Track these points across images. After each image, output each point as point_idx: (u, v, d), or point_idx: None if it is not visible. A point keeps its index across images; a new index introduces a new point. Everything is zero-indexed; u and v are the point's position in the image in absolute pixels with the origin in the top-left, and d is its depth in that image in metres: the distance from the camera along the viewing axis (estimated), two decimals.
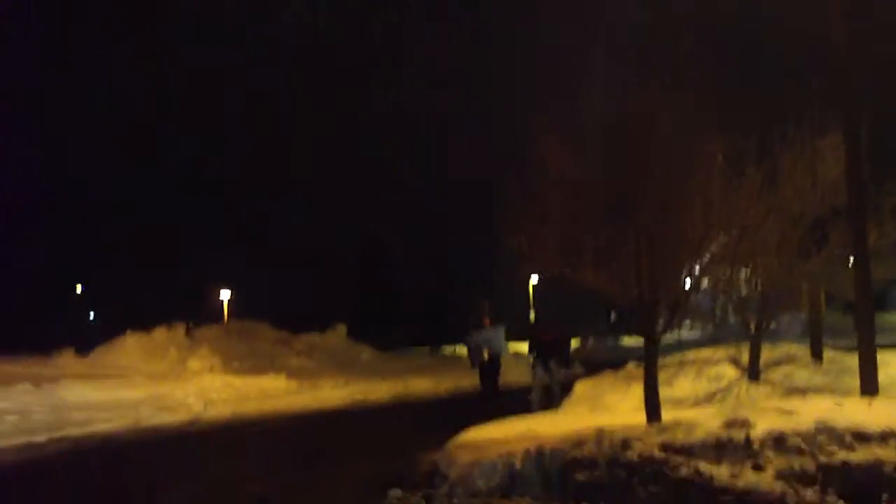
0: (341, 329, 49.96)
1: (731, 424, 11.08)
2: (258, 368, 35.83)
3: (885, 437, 10.81)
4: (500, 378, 23.14)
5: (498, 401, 21.58)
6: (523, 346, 24.96)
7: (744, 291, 18.06)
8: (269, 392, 29.69)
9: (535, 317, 28.84)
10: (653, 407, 13.45)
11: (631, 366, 20.02)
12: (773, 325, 20.87)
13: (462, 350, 47.34)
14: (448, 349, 49.98)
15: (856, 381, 14.60)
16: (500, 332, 22.42)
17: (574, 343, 58.03)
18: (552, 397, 20.78)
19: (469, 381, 31.77)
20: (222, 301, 66.32)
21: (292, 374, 34.38)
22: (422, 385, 32.00)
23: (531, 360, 22.18)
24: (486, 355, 22.25)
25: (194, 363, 35.23)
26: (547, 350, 21.54)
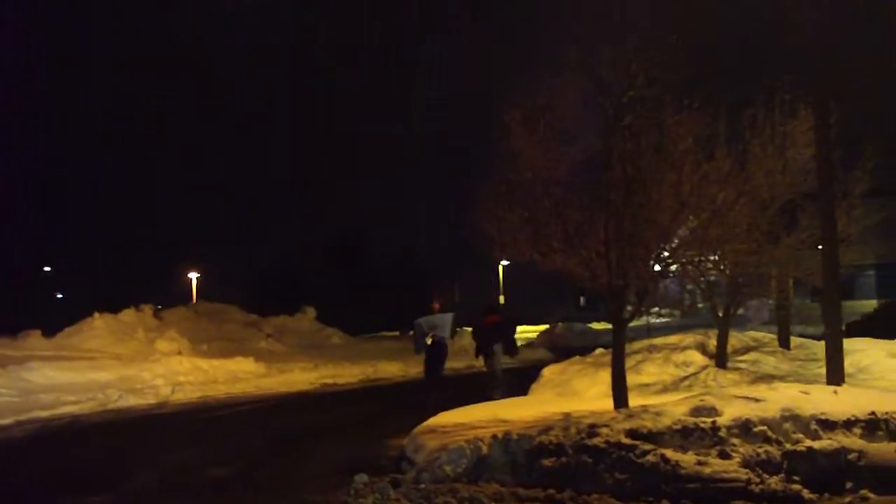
0: (311, 312, 49.96)
1: (697, 411, 11.08)
2: (227, 351, 35.80)
3: (849, 425, 10.85)
4: (444, 365, 21.73)
5: (440, 388, 20.31)
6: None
7: (712, 277, 18.10)
8: (238, 375, 29.61)
9: (483, 303, 26.24)
10: (620, 393, 13.47)
11: (599, 351, 20.06)
12: (741, 312, 20.98)
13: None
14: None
15: (822, 369, 14.68)
16: (448, 318, 21.07)
17: (533, 329, 58.34)
18: (493, 382, 20.85)
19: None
20: (190, 281, 66.15)
21: (261, 357, 34.35)
22: (391, 369, 32.01)
23: (474, 346, 22.27)
24: (429, 341, 21.04)
25: (162, 345, 35.12)
26: (490, 335, 21.43)
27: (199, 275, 66.45)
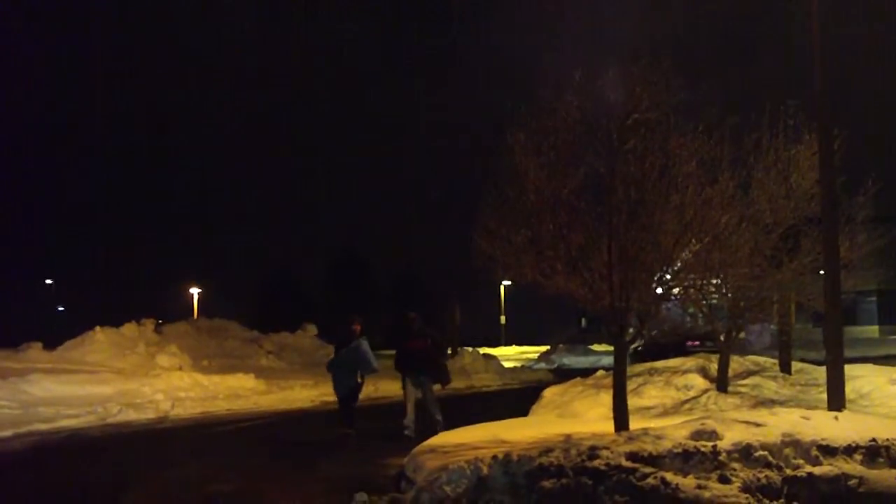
0: (311, 329, 49.97)
1: (698, 435, 11.08)
2: (227, 367, 35.80)
3: (850, 451, 10.87)
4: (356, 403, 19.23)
5: (351, 433, 18.51)
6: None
7: (714, 301, 18.11)
8: (238, 391, 29.61)
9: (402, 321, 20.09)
10: (621, 415, 13.44)
11: (600, 373, 20.07)
12: (742, 336, 20.97)
13: None
14: None
15: (823, 394, 14.67)
16: (364, 345, 18.69)
17: (535, 350, 58.21)
18: (431, 422, 17.99)
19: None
20: (192, 296, 66.20)
21: (261, 373, 34.35)
22: (393, 388, 31.89)
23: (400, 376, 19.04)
24: (360, 378, 18.90)
25: (163, 360, 35.14)
26: (415, 362, 18.61)
27: (200, 290, 66.54)
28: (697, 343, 29.28)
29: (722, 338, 18.16)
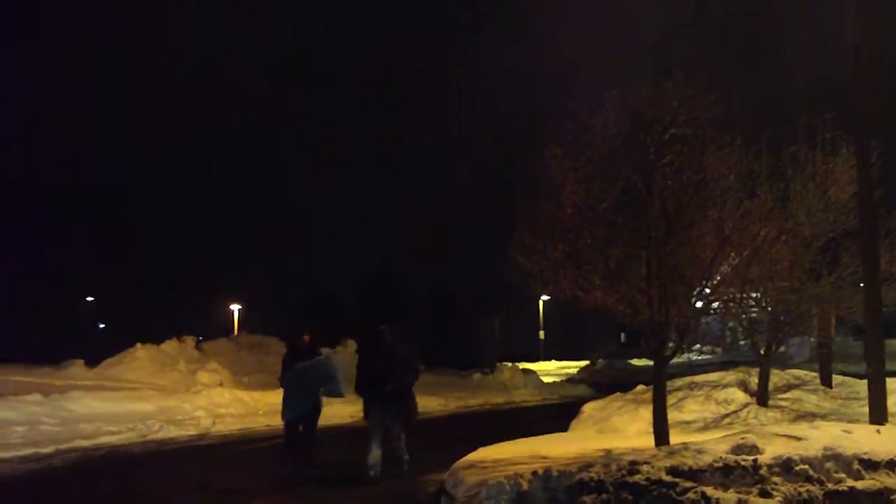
0: (351, 345, 50.02)
1: (739, 449, 11.04)
2: (268, 383, 35.87)
3: (892, 465, 10.81)
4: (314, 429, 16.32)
5: (311, 472, 15.65)
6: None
7: (754, 314, 18.05)
8: (278, 407, 29.63)
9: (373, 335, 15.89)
10: (661, 430, 13.41)
11: (640, 388, 20.01)
12: (782, 349, 20.88)
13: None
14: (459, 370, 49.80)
15: (865, 408, 14.57)
16: (330, 362, 15.94)
17: (574, 365, 58.02)
18: (394, 459, 15.19)
19: (477, 399, 31.86)
20: (232, 312, 66.51)
21: None
22: (431, 404, 31.98)
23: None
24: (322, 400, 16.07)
25: (204, 377, 35.28)
26: (382, 386, 15.04)
27: (240, 306, 66.84)
28: None
29: (762, 351, 18.09)
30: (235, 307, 67.79)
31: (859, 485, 10.42)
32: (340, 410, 22.94)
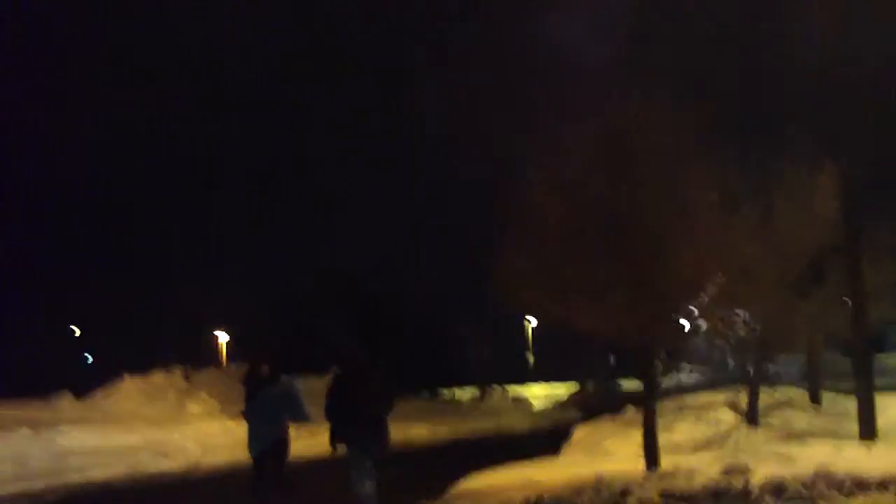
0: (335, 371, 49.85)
1: (730, 471, 11.07)
2: None
3: (884, 484, 10.81)
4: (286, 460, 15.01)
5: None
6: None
7: (741, 333, 18.06)
8: None
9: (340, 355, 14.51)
10: (652, 453, 13.40)
11: (630, 410, 19.99)
12: (771, 368, 20.89)
13: (462, 394, 46.80)
14: (447, 393, 49.64)
15: (855, 425, 14.58)
16: (288, 388, 14.91)
17: (562, 386, 57.99)
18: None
19: (467, 426, 31.79)
20: (219, 341, 66.28)
21: None
22: (419, 432, 31.78)
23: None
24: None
25: (193, 407, 35.12)
26: (352, 413, 12.65)
27: (227, 336, 66.53)
28: None
29: (751, 371, 18.10)
30: (223, 336, 67.55)
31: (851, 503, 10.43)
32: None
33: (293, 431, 15.29)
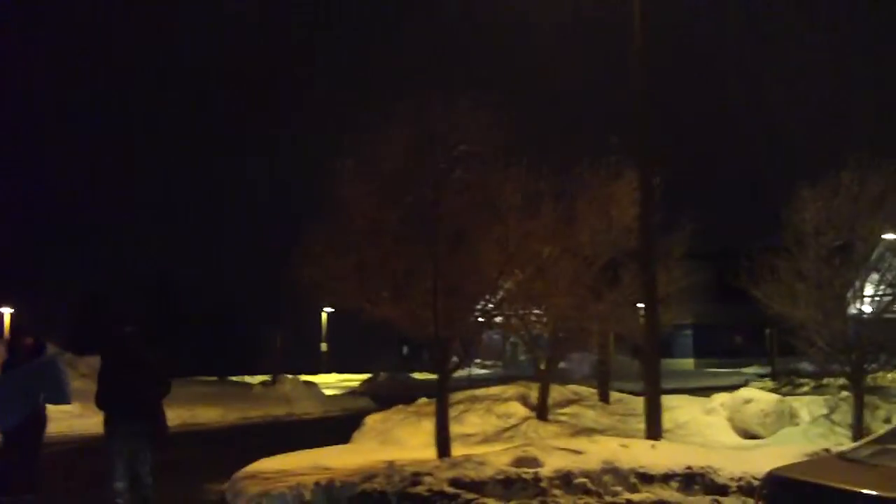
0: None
1: (520, 462, 11.19)
2: None
3: (667, 479, 11.12)
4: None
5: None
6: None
7: (536, 330, 18.34)
8: (53, 415, 28.64)
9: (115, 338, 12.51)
10: (443, 442, 13.49)
11: (422, 401, 20.08)
12: (562, 365, 21.27)
13: (251, 379, 46.52)
14: (236, 378, 49.25)
15: (641, 424, 14.96)
16: (52, 364, 13.33)
17: (356, 378, 58.19)
18: (138, 486, 11.58)
19: (258, 411, 31.54)
20: (2, 316, 64.35)
21: (79, 397, 33.35)
22: (209, 414, 31.37)
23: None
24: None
25: None
26: (129, 400, 11.83)
27: (13, 310, 64.57)
28: None
29: (542, 367, 18.38)
30: (6, 310, 65.48)
31: (636, 497, 10.70)
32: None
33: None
